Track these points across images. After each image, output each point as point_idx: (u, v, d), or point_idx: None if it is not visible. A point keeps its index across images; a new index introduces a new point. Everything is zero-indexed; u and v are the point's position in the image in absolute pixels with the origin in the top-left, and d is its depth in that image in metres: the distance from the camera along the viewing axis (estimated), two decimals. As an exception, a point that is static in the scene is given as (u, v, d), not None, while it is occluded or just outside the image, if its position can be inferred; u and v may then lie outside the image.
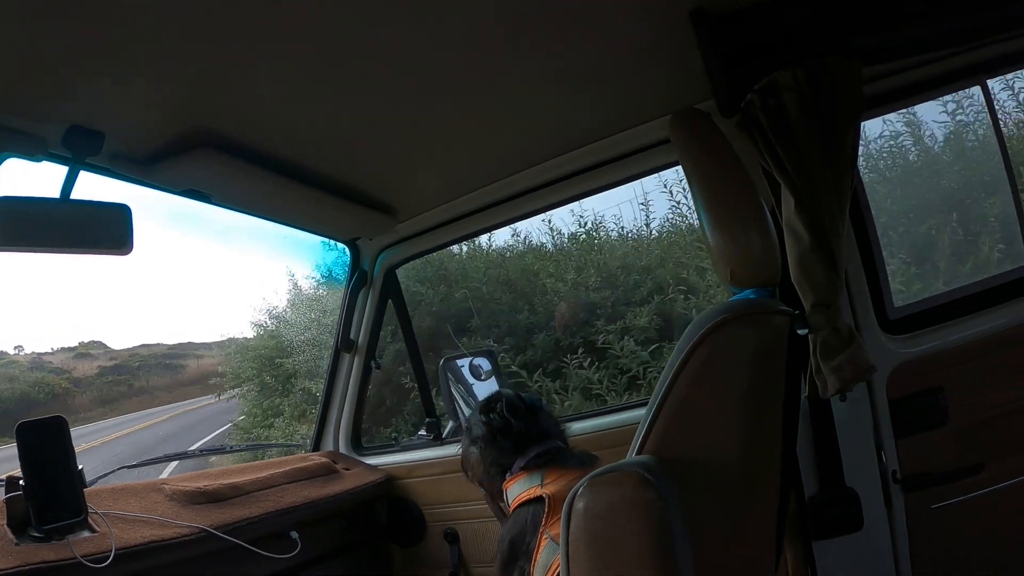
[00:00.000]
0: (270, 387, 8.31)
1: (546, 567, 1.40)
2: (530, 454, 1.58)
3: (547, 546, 1.42)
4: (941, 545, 1.60)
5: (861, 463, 1.59)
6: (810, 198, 1.33)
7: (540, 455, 1.57)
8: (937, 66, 1.63)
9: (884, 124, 4.44)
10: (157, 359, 32.89)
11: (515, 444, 1.61)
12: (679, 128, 1.22)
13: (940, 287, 4.14)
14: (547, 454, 1.57)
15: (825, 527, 1.59)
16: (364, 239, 2.31)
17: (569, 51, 1.44)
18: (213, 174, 1.57)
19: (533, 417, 1.65)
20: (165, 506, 1.60)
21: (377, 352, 2.41)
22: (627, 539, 0.95)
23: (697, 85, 1.52)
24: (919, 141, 4.77)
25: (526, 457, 1.58)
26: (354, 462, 2.33)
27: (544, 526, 1.44)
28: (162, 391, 28.82)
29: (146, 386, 29.42)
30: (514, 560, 1.54)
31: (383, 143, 1.73)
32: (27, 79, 1.19)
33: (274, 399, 8.11)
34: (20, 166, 1.36)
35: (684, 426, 1.01)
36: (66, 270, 71.88)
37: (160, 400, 26.99)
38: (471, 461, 1.71)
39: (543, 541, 1.43)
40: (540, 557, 1.43)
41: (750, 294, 1.13)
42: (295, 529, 1.82)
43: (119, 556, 1.33)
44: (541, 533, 1.44)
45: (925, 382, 1.60)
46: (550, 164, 1.99)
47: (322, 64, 1.32)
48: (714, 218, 1.13)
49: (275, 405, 8.04)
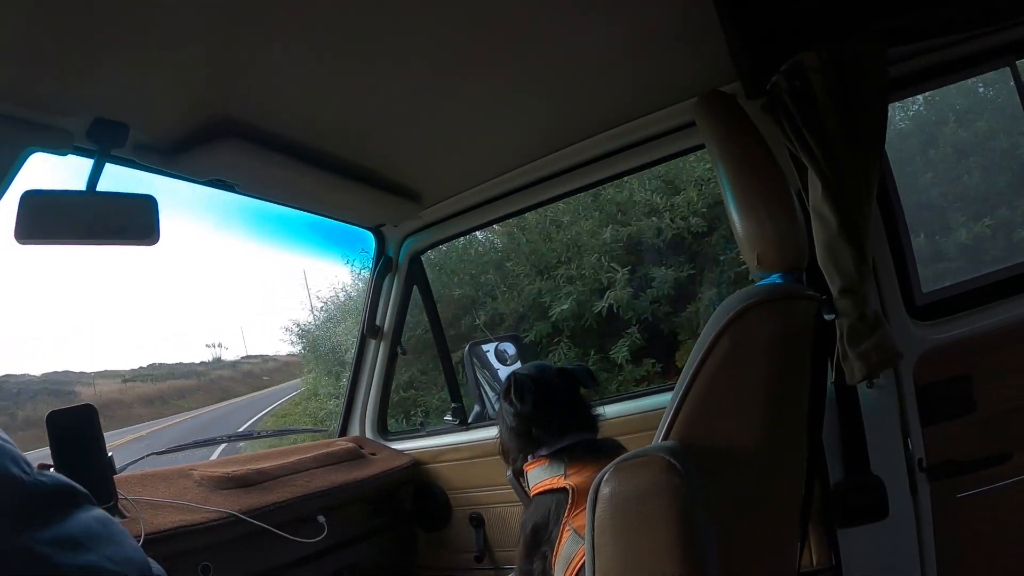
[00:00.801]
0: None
1: (568, 559, 1.40)
2: (556, 445, 1.57)
3: (570, 538, 1.42)
4: (967, 535, 1.58)
5: (887, 451, 1.57)
6: (837, 181, 1.31)
7: (566, 448, 1.56)
8: (965, 47, 1.59)
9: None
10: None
11: (539, 430, 1.61)
12: (705, 111, 1.21)
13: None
14: (575, 447, 1.56)
15: (850, 515, 1.58)
16: (389, 226, 2.33)
17: (593, 34, 1.43)
18: (237, 163, 1.59)
19: (564, 402, 1.63)
20: (194, 491, 1.63)
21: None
22: (652, 524, 0.95)
23: (722, 67, 1.50)
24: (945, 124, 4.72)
25: (551, 448, 1.57)
26: (380, 447, 2.35)
27: (567, 517, 1.44)
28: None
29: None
30: (537, 546, 1.54)
31: (407, 129, 1.73)
32: (51, 73, 1.20)
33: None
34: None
35: (710, 412, 1.01)
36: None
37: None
38: (501, 438, 1.71)
39: (565, 533, 1.43)
40: (562, 549, 1.44)
41: (777, 279, 1.12)
42: (322, 513, 1.84)
43: (148, 540, 1.35)
44: (564, 524, 1.44)
45: (953, 369, 1.57)
46: (575, 148, 1.98)
47: (345, 50, 1.32)
48: (740, 202, 1.12)
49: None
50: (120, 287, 50.68)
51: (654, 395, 2.00)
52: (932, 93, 4.67)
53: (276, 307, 53.25)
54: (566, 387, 1.67)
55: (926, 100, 5.00)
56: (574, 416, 1.62)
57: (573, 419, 1.61)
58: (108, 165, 1.42)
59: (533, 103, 1.72)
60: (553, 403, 1.62)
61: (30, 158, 1.35)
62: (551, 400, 1.62)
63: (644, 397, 2.01)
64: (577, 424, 1.61)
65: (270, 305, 63.18)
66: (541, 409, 1.61)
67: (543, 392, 1.63)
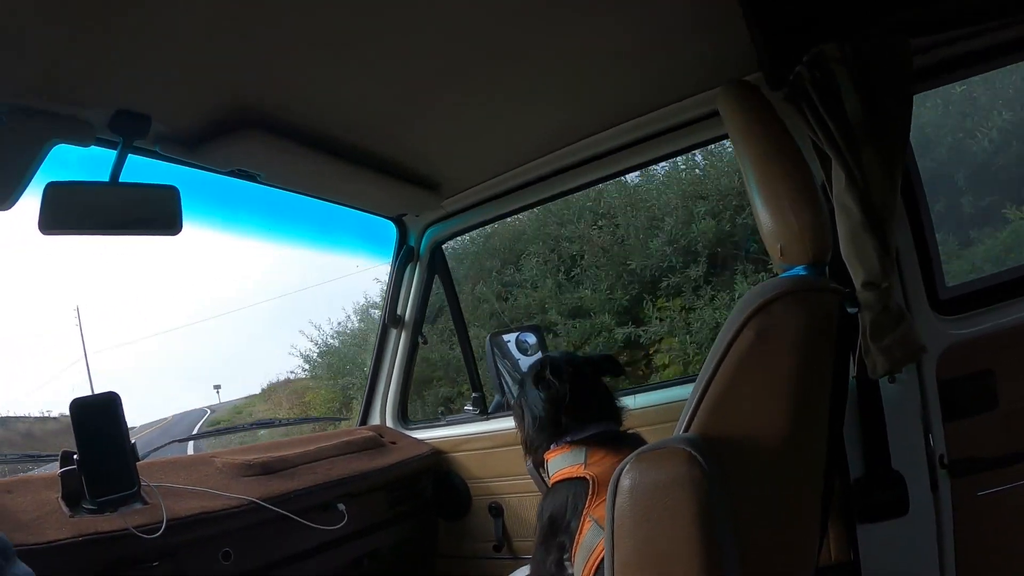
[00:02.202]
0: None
1: (590, 549, 1.40)
2: (581, 434, 1.56)
3: (591, 528, 1.42)
4: (987, 533, 1.56)
5: (908, 446, 1.56)
6: (861, 173, 1.30)
7: (590, 437, 1.55)
8: (991, 37, 1.56)
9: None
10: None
11: (567, 418, 1.60)
12: (728, 100, 1.20)
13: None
14: (598, 437, 1.55)
15: (870, 510, 1.57)
16: (411, 215, 2.33)
17: (616, 24, 1.42)
18: (260, 154, 1.60)
19: (592, 390, 1.63)
20: (215, 478, 1.65)
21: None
22: (672, 516, 0.95)
23: (744, 57, 1.48)
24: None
25: (576, 436, 1.57)
26: (400, 436, 2.37)
27: (588, 508, 1.44)
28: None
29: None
30: (554, 535, 1.54)
31: (429, 119, 1.73)
32: (73, 66, 1.22)
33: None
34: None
35: (732, 404, 1.00)
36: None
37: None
38: (524, 426, 1.70)
39: (587, 523, 1.43)
40: (584, 539, 1.43)
41: (800, 271, 1.11)
42: (342, 501, 1.86)
43: (170, 527, 1.38)
44: (585, 515, 1.44)
45: (976, 364, 1.56)
46: (596, 138, 1.97)
47: (366, 41, 1.32)
48: (764, 193, 1.11)
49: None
50: None
51: (674, 386, 2.00)
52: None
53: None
54: (593, 375, 1.66)
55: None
56: (600, 405, 1.62)
57: (599, 408, 1.61)
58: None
59: (555, 92, 1.71)
60: (582, 390, 1.61)
61: (53, 151, 1.36)
62: (581, 387, 1.61)
63: (665, 388, 2.01)
64: (602, 414, 1.60)
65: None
66: (573, 394, 1.60)
67: (575, 377, 1.62)
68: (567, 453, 1.56)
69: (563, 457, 1.56)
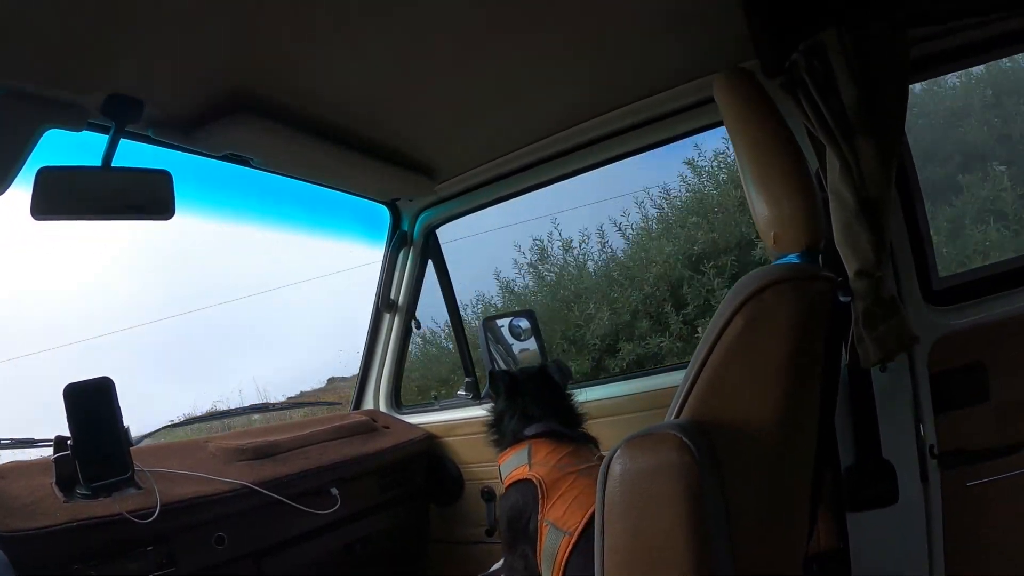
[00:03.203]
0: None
1: (552, 555, 1.44)
2: (522, 434, 1.66)
3: (549, 533, 1.45)
4: (976, 524, 1.57)
5: (899, 436, 1.57)
6: (856, 162, 1.29)
7: (531, 437, 1.65)
8: (989, 28, 1.56)
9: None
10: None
11: (512, 420, 1.70)
12: (724, 88, 1.20)
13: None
14: (540, 435, 1.64)
15: (860, 499, 1.58)
16: (404, 200, 2.33)
17: (612, 9, 1.41)
18: (253, 138, 1.59)
19: (533, 394, 1.72)
20: (208, 463, 1.66)
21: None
22: (662, 502, 0.95)
23: (740, 45, 1.47)
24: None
25: (518, 438, 1.66)
26: (394, 420, 2.38)
27: (542, 512, 1.47)
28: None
29: None
30: (515, 540, 1.59)
31: (422, 104, 1.73)
32: (64, 50, 1.20)
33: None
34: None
35: (724, 390, 1.00)
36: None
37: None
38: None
39: (544, 528, 1.46)
40: (544, 545, 1.47)
41: (794, 258, 1.12)
42: (335, 486, 1.87)
43: (164, 511, 1.38)
44: (541, 519, 1.47)
45: (968, 356, 1.56)
46: (591, 124, 1.97)
47: (360, 24, 1.31)
48: (758, 180, 1.11)
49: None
50: None
51: (664, 373, 2.01)
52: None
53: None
54: (538, 380, 1.75)
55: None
56: (543, 406, 1.68)
57: (541, 409, 1.67)
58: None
59: (549, 77, 1.70)
60: (523, 395, 1.71)
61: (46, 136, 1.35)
62: (522, 392, 1.72)
63: (654, 375, 2.02)
64: (545, 413, 1.66)
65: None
66: (511, 402, 1.72)
67: (514, 385, 1.74)
68: (513, 455, 1.62)
69: (511, 460, 1.63)
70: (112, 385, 1.45)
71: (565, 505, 1.48)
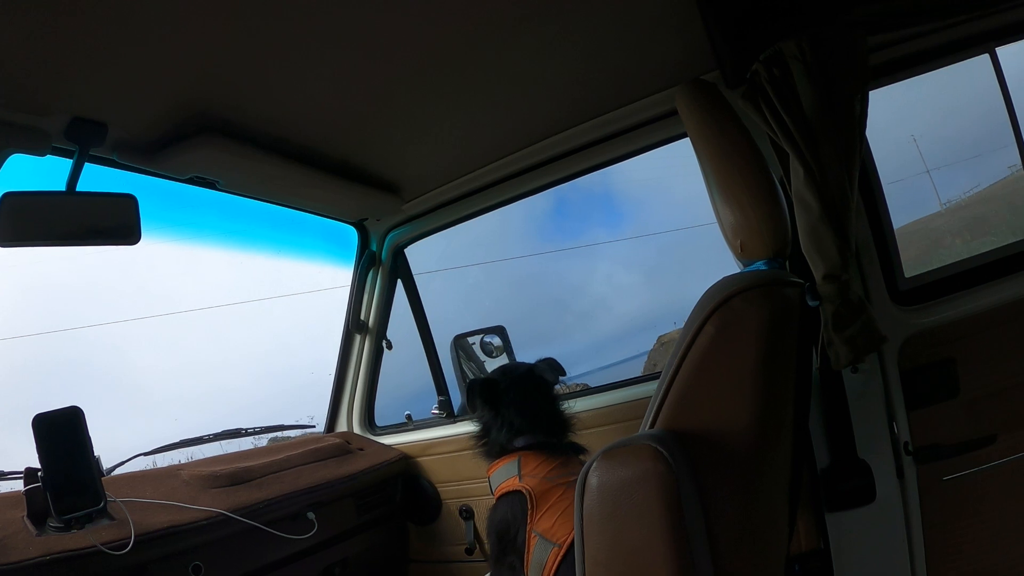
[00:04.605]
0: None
1: (541, 566, 1.43)
2: (511, 446, 1.63)
3: (537, 544, 1.44)
4: (953, 517, 1.60)
5: (873, 435, 1.59)
6: (819, 168, 1.32)
7: (520, 449, 1.62)
8: (944, 34, 1.60)
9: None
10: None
11: (499, 432, 1.67)
12: (686, 99, 1.21)
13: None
14: (530, 447, 1.62)
15: (838, 499, 1.60)
16: (372, 220, 2.32)
17: (573, 25, 1.43)
18: (218, 160, 1.57)
19: (520, 403, 1.68)
20: (182, 491, 1.62)
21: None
22: (640, 512, 0.95)
23: (702, 56, 1.50)
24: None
25: (507, 450, 1.63)
26: (368, 442, 2.35)
27: (531, 523, 1.46)
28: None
29: None
30: (504, 555, 1.58)
31: (388, 123, 1.72)
32: (27, 73, 1.19)
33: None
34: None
35: (697, 398, 1.01)
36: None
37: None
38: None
39: (532, 539, 1.45)
40: (532, 556, 1.46)
41: (761, 266, 1.13)
42: (311, 510, 1.84)
43: (139, 542, 1.35)
44: (529, 530, 1.46)
45: (937, 353, 1.59)
46: (556, 139, 1.98)
47: (324, 46, 1.31)
48: (723, 190, 1.12)
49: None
50: None
51: (642, 383, 2.01)
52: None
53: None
54: (527, 387, 1.71)
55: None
56: (530, 417, 1.65)
57: (529, 420, 1.64)
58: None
59: (514, 94, 1.72)
60: (509, 405, 1.68)
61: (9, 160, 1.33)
62: (507, 402, 1.68)
63: (632, 386, 2.02)
64: (536, 424, 1.64)
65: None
66: (496, 412, 1.68)
67: (497, 396, 1.70)
68: (503, 466, 1.60)
69: (500, 471, 1.61)
70: (81, 414, 1.41)
71: (554, 517, 1.48)
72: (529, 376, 1.74)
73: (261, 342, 31.24)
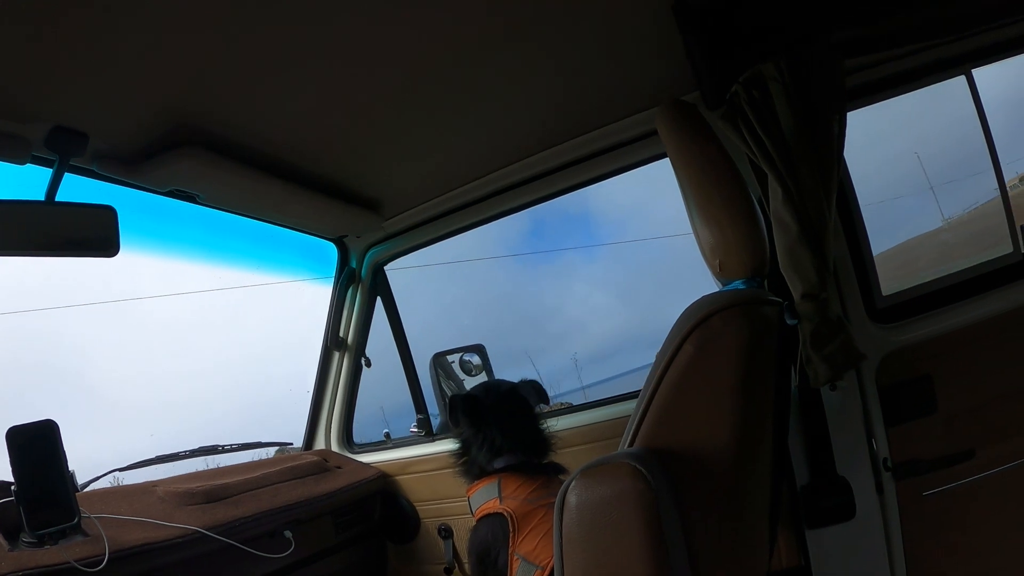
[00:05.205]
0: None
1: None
2: (491, 467, 1.62)
3: (520, 567, 1.44)
4: (934, 532, 1.61)
5: (852, 452, 1.60)
6: (797, 188, 1.34)
7: (500, 470, 1.61)
8: (922, 56, 1.64)
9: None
10: None
11: (479, 451, 1.65)
12: (665, 120, 1.22)
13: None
14: (510, 468, 1.61)
15: (818, 516, 1.60)
16: (352, 237, 2.31)
17: (554, 45, 1.44)
18: (199, 173, 1.56)
19: (501, 423, 1.67)
20: (158, 508, 1.60)
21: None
22: (620, 530, 0.95)
23: (682, 77, 1.52)
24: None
25: (487, 470, 1.62)
26: (346, 460, 2.33)
27: (513, 545, 1.45)
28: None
29: None
30: (485, 574, 1.56)
31: (368, 140, 1.73)
32: (7, 80, 1.18)
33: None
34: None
35: (675, 417, 1.01)
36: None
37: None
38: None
39: (515, 562, 1.45)
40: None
41: (739, 285, 1.13)
42: (288, 528, 1.81)
43: (113, 559, 1.33)
44: (511, 553, 1.45)
45: (914, 370, 1.61)
46: (536, 158, 2.00)
47: (308, 60, 1.31)
48: (702, 209, 1.13)
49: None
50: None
51: (621, 402, 2.01)
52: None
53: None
54: (508, 406, 1.70)
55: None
56: (511, 437, 1.64)
57: (509, 440, 1.63)
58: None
59: (495, 113, 1.73)
60: (490, 424, 1.66)
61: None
62: (489, 420, 1.67)
63: (612, 404, 2.02)
64: (516, 444, 1.63)
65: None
66: (477, 429, 1.67)
67: (479, 413, 1.69)
68: (483, 488, 1.59)
69: (481, 492, 1.60)
70: (56, 428, 1.39)
71: (536, 539, 1.47)
72: (512, 395, 1.73)
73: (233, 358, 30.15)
